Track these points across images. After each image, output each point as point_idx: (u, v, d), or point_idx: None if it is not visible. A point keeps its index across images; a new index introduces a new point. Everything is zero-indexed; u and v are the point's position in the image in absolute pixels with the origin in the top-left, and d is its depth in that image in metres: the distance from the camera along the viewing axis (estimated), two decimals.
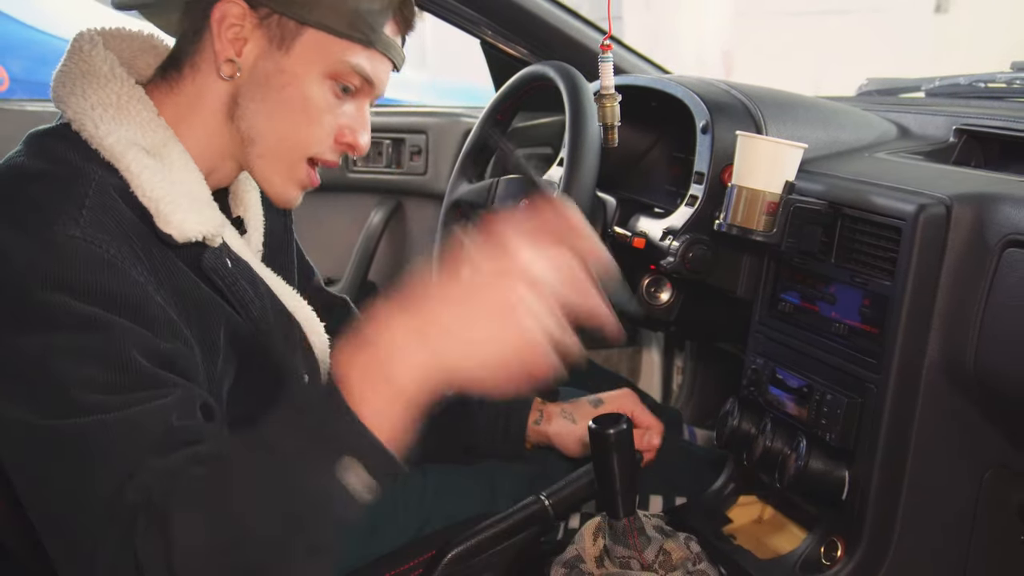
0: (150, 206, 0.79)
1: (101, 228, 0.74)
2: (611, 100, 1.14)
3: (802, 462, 0.94)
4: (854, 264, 0.95)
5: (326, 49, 0.83)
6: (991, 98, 1.33)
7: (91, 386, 0.69)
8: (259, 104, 0.85)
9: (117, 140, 0.79)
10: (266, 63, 0.84)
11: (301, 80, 0.84)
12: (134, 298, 0.73)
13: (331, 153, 0.88)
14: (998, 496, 0.93)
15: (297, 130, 0.85)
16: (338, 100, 0.86)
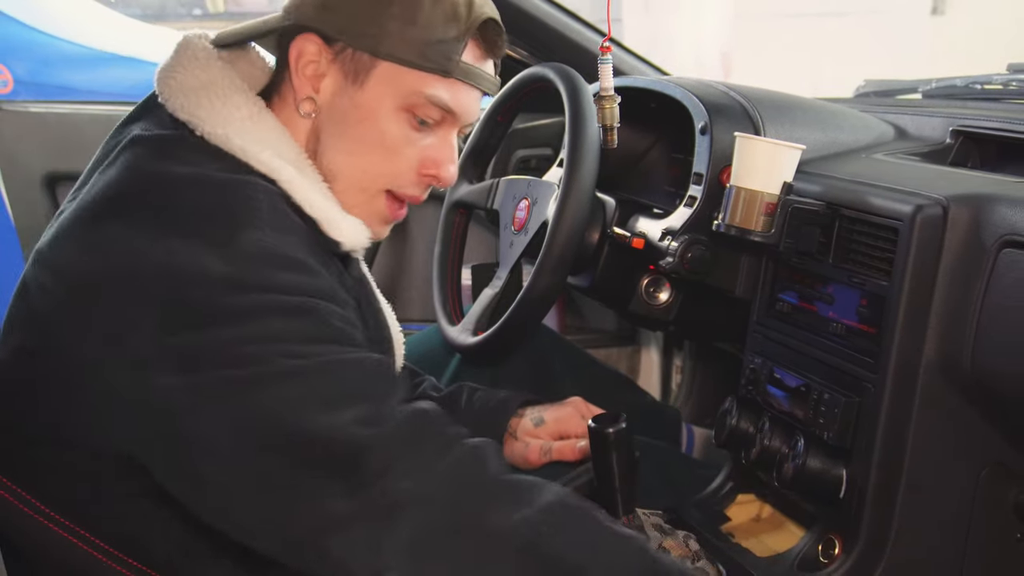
0: (318, 215, 0.80)
1: (282, 231, 0.75)
2: (610, 101, 1.15)
3: (800, 461, 0.95)
4: (852, 264, 0.96)
5: (400, 81, 0.82)
6: (988, 100, 1.33)
7: (333, 335, 0.72)
8: (338, 140, 0.84)
9: (271, 156, 0.79)
10: (342, 99, 0.83)
11: (376, 114, 0.83)
12: (329, 290, 0.75)
13: (414, 187, 0.87)
14: (995, 494, 0.93)
15: (376, 165, 0.85)
16: (418, 132, 0.85)
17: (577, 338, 1.80)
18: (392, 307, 1.03)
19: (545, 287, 1.11)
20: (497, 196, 1.32)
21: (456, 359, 1.30)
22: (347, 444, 0.69)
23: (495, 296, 1.24)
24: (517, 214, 1.26)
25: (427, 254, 1.78)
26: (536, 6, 1.55)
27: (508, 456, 1.09)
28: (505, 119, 1.38)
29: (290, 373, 0.70)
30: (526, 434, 1.09)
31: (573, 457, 1.07)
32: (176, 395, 0.69)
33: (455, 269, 1.38)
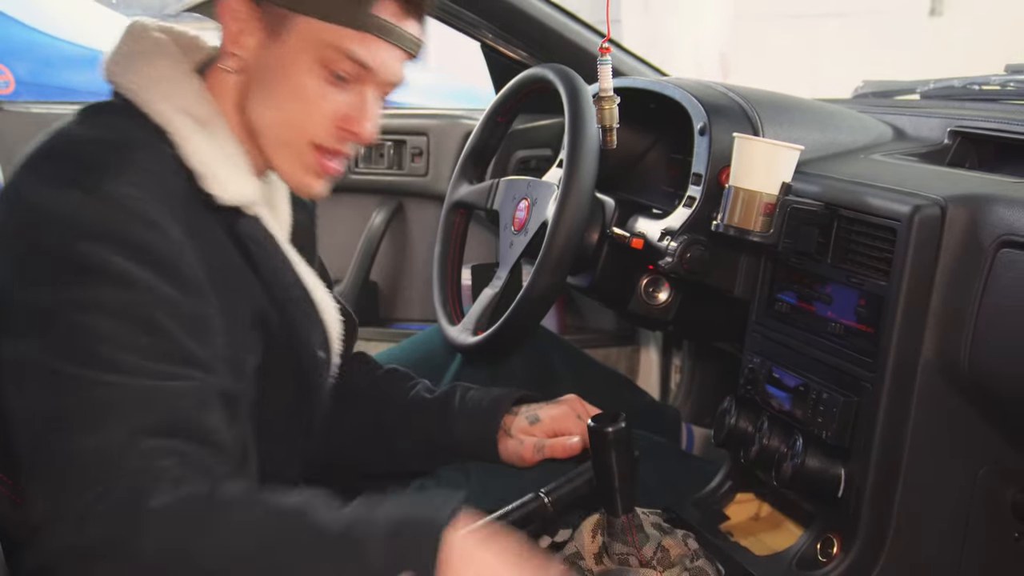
0: (197, 167, 0.82)
1: (145, 189, 0.77)
2: (610, 102, 1.15)
3: (798, 460, 0.95)
4: (850, 264, 0.96)
5: (315, 35, 0.84)
6: (985, 100, 1.33)
7: (119, 344, 0.72)
8: (260, 95, 0.87)
9: (167, 107, 0.83)
10: (264, 54, 0.85)
11: (294, 67, 0.85)
12: (172, 258, 0.77)
13: (333, 141, 0.88)
14: (992, 493, 0.94)
15: (294, 118, 0.86)
16: (334, 87, 0.86)
17: (576, 338, 1.81)
18: (392, 307, 1.03)
19: (545, 287, 1.12)
20: (497, 196, 1.32)
21: (457, 359, 1.30)
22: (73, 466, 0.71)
23: (495, 296, 1.25)
24: (517, 214, 1.26)
25: (427, 254, 1.79)
26: (535, 7, 1.56)
27: (503, 455, 1.09)
28: (505, 120, 1.38)
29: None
30: (521, 432, 1.09)
31: (564, 455, 1.07)
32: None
33: (455, 269, 1.38)
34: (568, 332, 1.86)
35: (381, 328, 1.88)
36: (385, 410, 1.13)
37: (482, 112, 1.40)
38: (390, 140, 1.85)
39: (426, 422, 1.11)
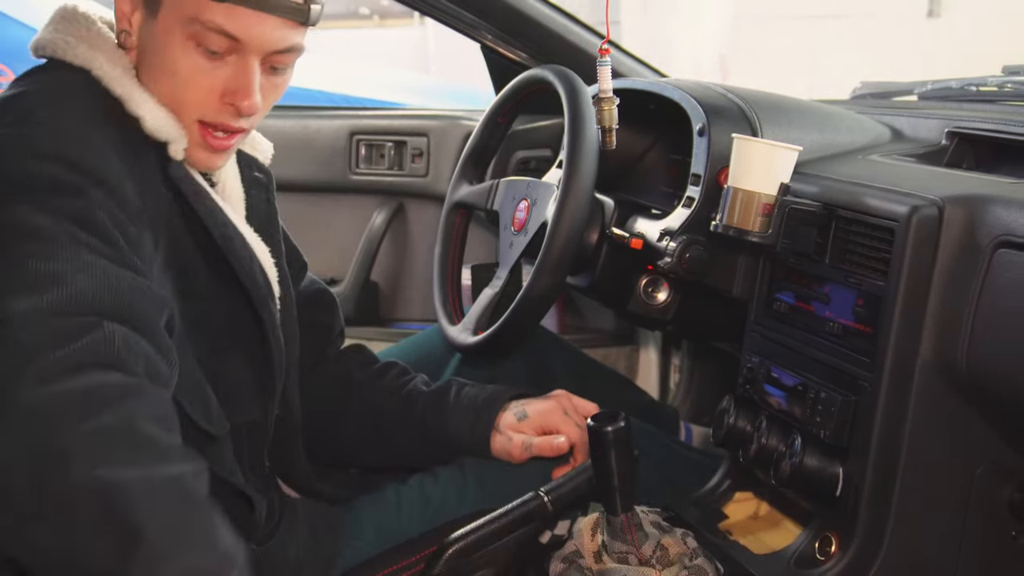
0: (123, 93, 0.84)
1: (81, 116, 0.80)
2: (609, 103, 1.15)
3: (797, 459, 0.95)
4: (848, 264, 0.96)
5: (181, 10, 0.84)
6: (983, 101, 1.33)
7: (71, 236, 0.73)
8: (146, 71, 0.88)
9: (88, 48, 0.85)
10: (145, 31, 0.87)
11: (168, 43, 0.85)
12: (112, 177, 0.78)
13: (218, 115, 0.87)
14: (989, 492, 0.94)
15: (175, 94, 0.87)
16: (210, 62, 0.85)
17: (576, 337, 1.81)
18: (393, 307, 1.04)
19: (545, 287, 1.12)
20: (497, 197, 1.33)
21: (456, 358, 1.31)
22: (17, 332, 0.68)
23: (495, 296, 1.25)
24: (517, 215, 1.27)
25: (427, 254, 1.79)
26: (535, 9, 1.56)
27: (494, 451, 1.10)
28: (505, 120, 1.39)
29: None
30: (509, 428, 1.09)
31: (551, 454, 1.08)
32: None
33: (455, 269, 1.39)
34: (568, 332, 1.86)
35: (381, 328, 1.89)
36: (384, 403, 1.13)
37: (482, 113, 1.40)
38: (390, 141, 1.86)
39: (422, 415, 1.11)
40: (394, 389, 1.14)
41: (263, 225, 1.02)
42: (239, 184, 1.01)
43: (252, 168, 1.04)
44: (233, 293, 0.93)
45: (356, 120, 1.90)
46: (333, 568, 1.02)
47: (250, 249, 0.95)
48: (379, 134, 1.87)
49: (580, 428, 1.09)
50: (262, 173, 1.05)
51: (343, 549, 1.04)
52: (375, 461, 1.16)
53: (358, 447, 1.15)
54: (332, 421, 1.14)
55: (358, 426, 1.14)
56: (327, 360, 1.16)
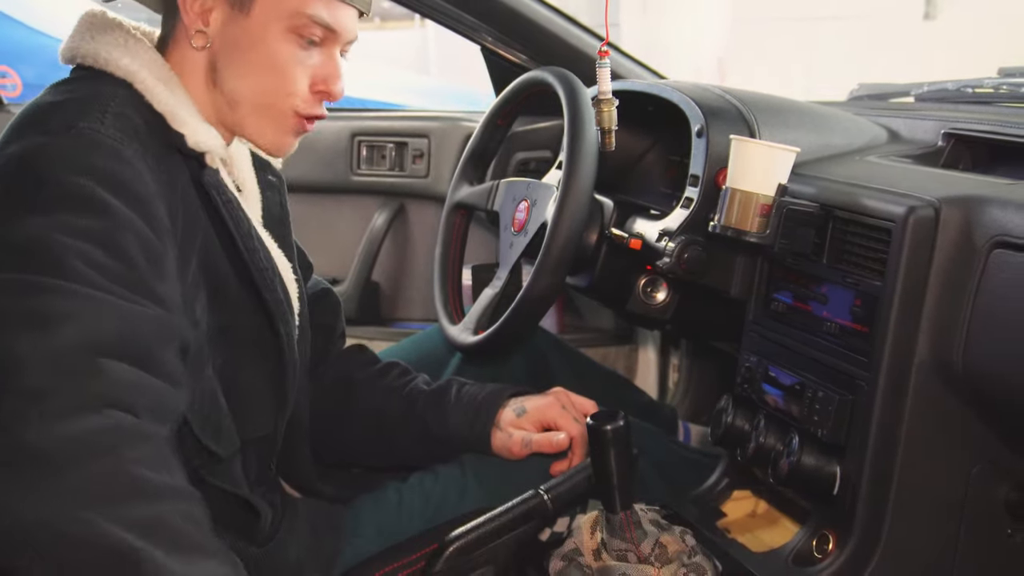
0: (165, 110, 0.85)
1: (121, 129, 0.81)
2: (608, 105, 1.16)
3: (794, 458, 0.96)
4: (845, 265, 0.97)
5: (282, 5, 0.87)
6: (979, 103, 1.34)
7: (86, 261, 0.73)
8: (233, 68, 0.90)
9: (131, 60, 0.86)
10: (232, 28, 0.88)
11: (265, 38, 0.88)
12: (146, 195, 0.79)
13: (309, 105, 0.92)
14: (985, 491, 0.95)
15: (272, 86, 0.90)
16: (305, 52, 0.90)
17: (575, 337, 1.82)
18: (394, 306, 1.05)
19: (544, 287, 1.13)
20: (497, 198, 1.33)
21: (457, 358, 1.32)
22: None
23: (495, 296, 1.26)
24: (517, 215, 1.27)
25: (428, 255, 1.80)
26: (535, 11, 1.57)
27: (494, 448, 1.11)
28: (505, 122, 1.39)
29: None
30: (509, 424, 1.10)
31: (551, 450, 1.09)
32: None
33: (456, 269, 1.39)
34: (567, 331, 1.87)
35: (383, 327, 1.90)
36: (385, 403, 1.14)
37: (482, 115, 1.41)
38: (392, 142, 1.86)
39: (423, 413, 1.12)
40: (395, 389, 1.15)
41: (277, 228, 1.04)
42: (256, 187, 1.03)
43: (267, 171, 1.06)
44: (256, 307, 0.94)
45: (358, 121, 1.91)
46: (334, 567, 1.03)
47: (272, 262, 0.97)
48: (380, 135, 1.88)
49: (579, 424, 1.10)
50: (275, 177, 1.08)
51: (344, 548, 1.04)
52: (377, 460, 1.17)
53: (360, 447, 1.16)
54: (334, 422, 1.15)
55: (360, 427, 1.15)
56: (329, 361, 1.17)
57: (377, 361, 1.19)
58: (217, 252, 0.90)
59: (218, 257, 0.90)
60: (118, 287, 0.74)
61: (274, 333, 0.95)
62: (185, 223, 0.86)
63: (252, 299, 0.93)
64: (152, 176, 0.81)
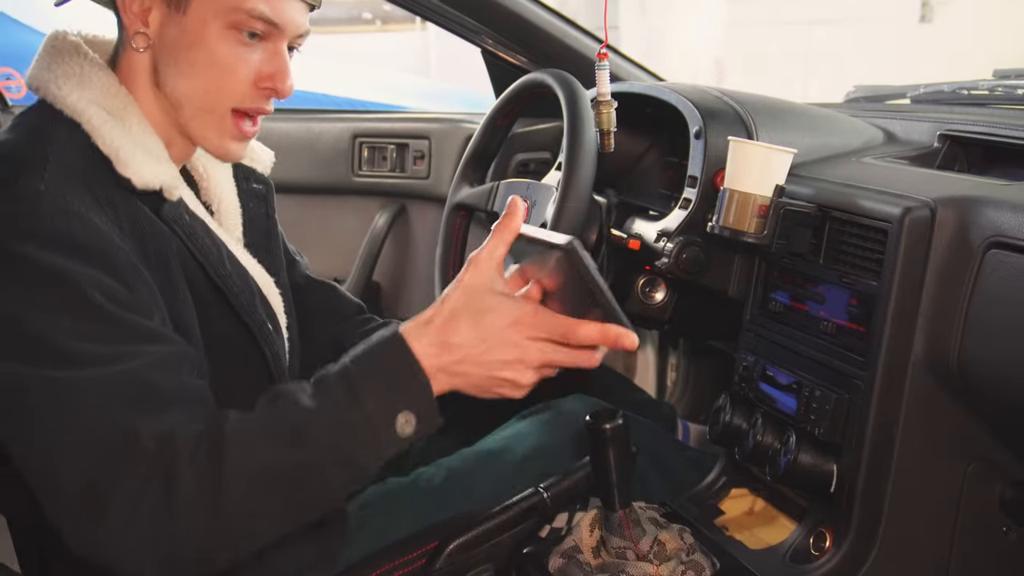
0: (110, 153, 0.83)
1: (64, 180, 0.79)
2: (607, 106, 1.17)
3: (792, 456, 0.97)
4: (842, 265, 0.98)
5: (219, 1, 0.85)
6: (974, 105, 1.35)
7: (72, 335, 0.74)
8: (174, 68, 0.87)
9: (79, 98, 0.84)
10: (170, 28, 0.86)
11: (203, 37, 0.86)
12: (99, 245, 0.78)
13: (254, 100, 0.89)
14: (981, 488, 0.95)
15: (213, 84, 0.87)
16: (247, 48, 0.87)
17: None
18: (395, 306, 1.04)
19: None
20: (497, 198, 1.34)
21: None
22: None
23: None
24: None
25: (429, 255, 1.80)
26: (535, 14, 1.57)
27: None
28: (505, 123, 1.40)
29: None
30: None
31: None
32: None
33: (456, 270, 1.40)
34: None
35: None
36: None
37: (483, 116, 1.42)
38: (393, 143, 1.87)
39: None
40: None
41: (261, 240, 1.02)
42: (236, 199, 1.00)
43: (250, 180, 1.04)
44: (239, 326, 0.93)
45: (359, 123, 1.91)
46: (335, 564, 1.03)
47: (250, 282, 0.95)
48: (381, 137, 1.89)
49: None
50: (261, 184, 1.05)
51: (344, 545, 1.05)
52: None
53: None
54: None
55: None
56: None
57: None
58: (196, 276, 0.89)
59: (198, 281, 0.89)
60: (108, 347, 0.75)
61: (259, 353, 0.95)
62: (158, 255, 0.84)
63: (234, 320, 0.93)
64: (108, 219, 0.80)
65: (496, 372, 0.82)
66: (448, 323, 0.83)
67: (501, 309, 0.82)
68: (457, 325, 0.83)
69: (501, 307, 0.82)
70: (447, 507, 1.08)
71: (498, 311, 0.82)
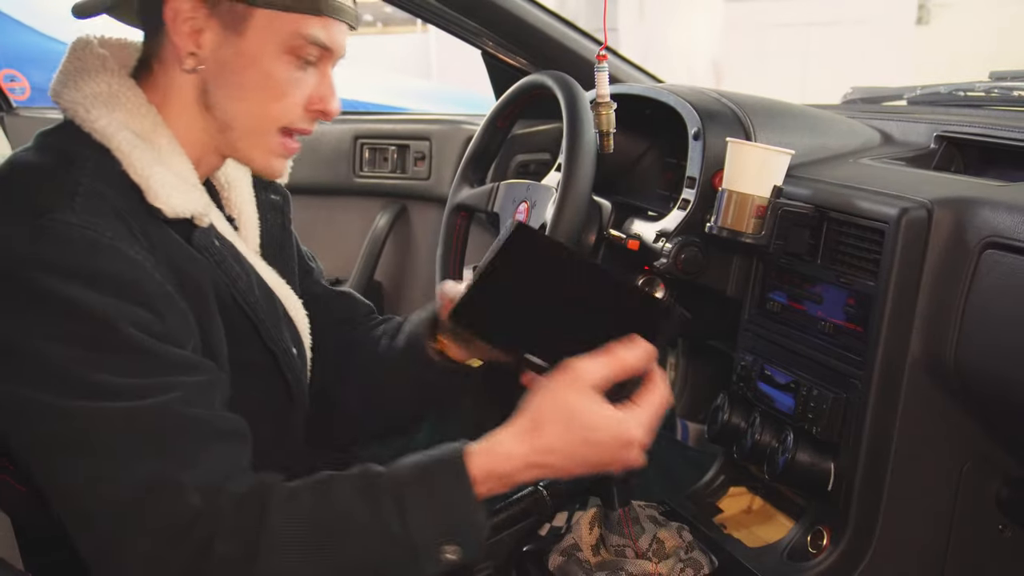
0: (141, 182, 0.83)
1: (95, 212, 0.78)
2: (607, 108, 1.17)
3: (789, 455, 0.97)
4: (839, 265, 0.98)
5: (278, 26, 0.85)
6: (970, 106, 1.35)
7: (104, 369, 0.74)
8: (227, 90, 0.87)
9: (108, 123, 0.83)
10: (225, 50, 0.86)
11: (260, 60, 0.86)
12: (131, 276, 0.77)
13: (303, 122, 0.90)
14: (977, 487, 0.96)
15: (266, 107, 0.88)
16: (301, 72, 0.88)
17: None
18: (396, 306, 1.03)
19: None
20: (497, 199, 1.35)
21: None
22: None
23: None
24: (517, 217, 1.29)
25: (430, 255, 1.80)
26: (535, 16, 1.58)
27: None
28: (505, 125, 1.40)
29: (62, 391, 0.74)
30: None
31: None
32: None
33: (457, 270, 1.40)
34: None
35: None
36: (372, 366, 1.10)
37: (483, 118, 1.42)
38: (394, 145, 1.88)
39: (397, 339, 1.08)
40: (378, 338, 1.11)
41: (277, 252, 1.02)
42: (255, 210, 1.01)
43: (268, 190, 1.05)
44: (264, 353, 0.94)
45: (360, 124, 1.92)
46: None
47: (277, 306, 0.96)
48: (382, 138, 1.89)
49: None
50: (279, 195, 1.06)
51: None
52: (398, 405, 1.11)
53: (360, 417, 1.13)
54: (374, 395, 1.11)
55: (358, 399, 1.11)
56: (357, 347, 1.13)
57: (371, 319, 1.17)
58: (226, 302, 0.89)
59: (227, 307, 0.89)
60: (144, 379, 0.75)
61: (282, 379, 0.95)
62: (192, 282, 0.84)
63: (259, 346, 0.93)
64: (140, 247, 0.79)
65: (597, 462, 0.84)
66: (539, 431, 0.82)
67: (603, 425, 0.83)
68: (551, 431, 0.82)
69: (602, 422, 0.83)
70: None
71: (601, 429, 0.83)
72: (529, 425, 0.81)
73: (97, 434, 0.73)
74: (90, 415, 0.73)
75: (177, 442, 0.75)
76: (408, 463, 0.80)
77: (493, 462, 0.80)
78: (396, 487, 0.78)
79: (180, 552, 0.72)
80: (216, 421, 0.79)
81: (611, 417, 0.82)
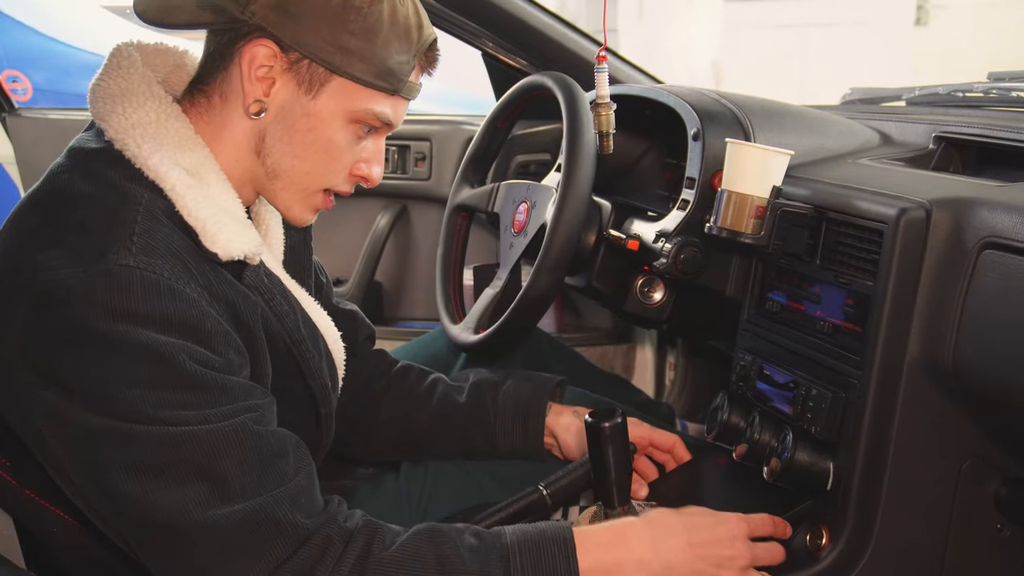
0: (196, 226, 0.81)
1: (153, 252, 0.77)
2: (606, 109, 1.18)
3: (788, 454, 0.97)
4: (838, 265, 0.98)
5: (352, 97, 0.85)
6: (969, 107, 1.35)
7: (168, 406, 0.75)
8: (285, 144, 0.87)
9: (160, 161, 0.82)
10: (293, 106, 0.85)
11: (327, 124, 0.86)
12: (192, 317, 0.78)
13: (345, 184, 0.92)
14: (975, 486, 0.96)
15: (318, 168, 0.88)
16: (360, 140, 0.89)
17: (574, 336, 1.83)
18: (397, 306, 1.05)
19: (543, 287, 1.14)
20: (497, 200, 1.35)
21: (462, 359, 1.33)
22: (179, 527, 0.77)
23: (496, 296, 1.27)
24: (517, 217, 1.29)
25: (430, 256, 1.81)
26: (535, 17, 1.58)
27: (550, 452, 1.13)
28: (505, 125, 1.41)
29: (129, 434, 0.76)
30: (564, 431, 1.12)
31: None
32: (37, 400, 0.77)
33: (457, 270, 1.41)
34: (565, 330, 1.88)
35: (385, 327, 1.91)
36: (414, 411, 1.14)
37: (483, 118, 1.42)
38: (394, 145, 1.88)
39: (462, 426, 1.12)
40: (420, 397, 1.15)
41: (298, 270, 1.02)
42: (280, 227, 1.01)
43: None
44: (303, 387, 0.95)
45: None
46: None
47: (320, 343, 0.97)
48: None
49: (642, 427, 1.12)
50: None
51: None
52: (404, 458, 1.18)
53: (387, 451, 1.17)
54: (368, 431, 1.16)
55: (392, 435, 1.15)
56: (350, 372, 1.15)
57: (394, 363, 1.20)
58: (274, 339, 0.90)
59: (275, 343, 0.90)
60: (209, 409, 0.77)
61: (315, 412, 0.97)
62: (245, 319, 0.85)
63: (299, 380, 0.94)
64: (197, 284, 0.80)
65: None
66: None
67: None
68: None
69: None
70: (443, 501, 1.09)
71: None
72: None
73: (183, 457, 0.75)
74: (175, 439, 0.75)
75: (268, 466, 0.78)
76: (518, 529, 0.85)
77: None
78: (505, 554, 0.82)
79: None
80: (283, 440, 0.82)
81: None
